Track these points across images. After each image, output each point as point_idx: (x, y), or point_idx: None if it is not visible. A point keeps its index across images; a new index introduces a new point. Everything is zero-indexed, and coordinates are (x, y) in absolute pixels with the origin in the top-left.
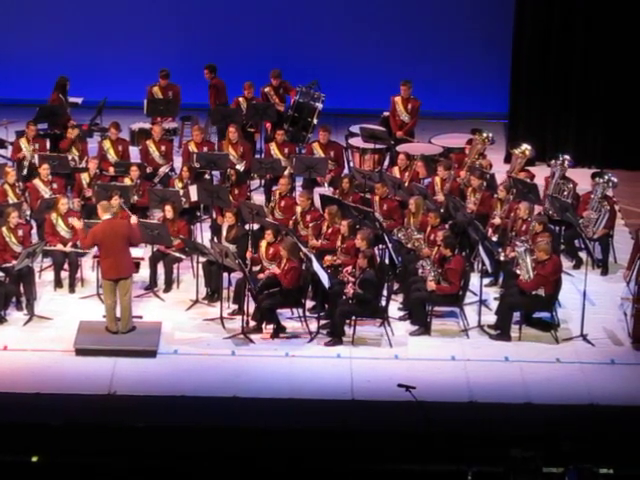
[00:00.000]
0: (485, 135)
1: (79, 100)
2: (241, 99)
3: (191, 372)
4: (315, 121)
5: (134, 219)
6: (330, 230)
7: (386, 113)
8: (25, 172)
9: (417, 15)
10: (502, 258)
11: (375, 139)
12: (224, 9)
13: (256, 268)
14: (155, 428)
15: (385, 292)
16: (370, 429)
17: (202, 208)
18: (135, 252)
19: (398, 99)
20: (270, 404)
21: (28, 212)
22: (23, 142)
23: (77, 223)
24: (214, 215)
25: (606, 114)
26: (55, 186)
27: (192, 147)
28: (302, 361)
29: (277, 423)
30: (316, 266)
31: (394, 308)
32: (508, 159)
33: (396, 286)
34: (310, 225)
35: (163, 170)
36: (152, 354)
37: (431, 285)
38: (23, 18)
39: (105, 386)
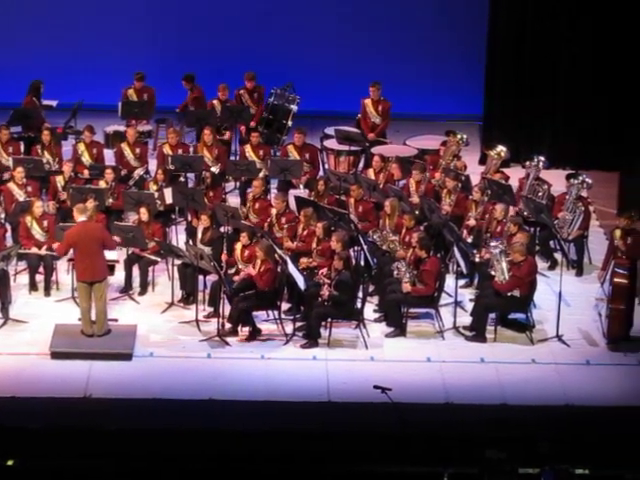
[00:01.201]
0: (460, 137)
1: (54, 103)
2: (215, 102)
3: (167, 375)
4: (290, 123)
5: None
6: (305, 232)
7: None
8: None
9: (391, 16)
10: (477, 259)
11: (350, 141)
12: (199, 11)
13: (231, 271)
14: (131, 431)
15: (360, 294)
16: (346, 431)
17: (177, 211)
18: (110, 255)
19: (368, 101)
20: (246, 406)
21: (2, 215)
22: None
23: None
24: (189, 217)
25: (580, 115)
26: (30, 189)
27: (167, 150)
28: (278, 363)
29: (253, 425)
30: (291, 268)
31: (369, 310)
32: (483, 160)
33: (371, 288)
34: (285, 227)
35: (138, 173)
36: (127, 357)
37: (406, 287)
38: None
39: (81, 389)
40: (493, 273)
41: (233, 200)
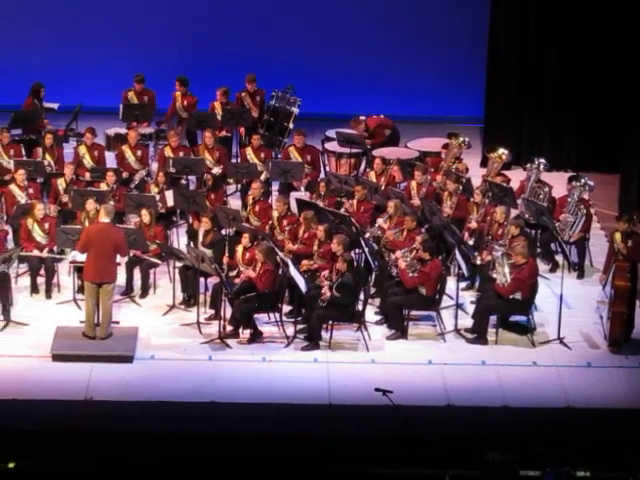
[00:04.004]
0: (461, 139)
1: (55, 106)
2: (216, 104)
3: (168, 377)
4: (291, 125)
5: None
6: (306, 235)
7: (362, 117)
8: None
9: (392, 19)
10: (478, 262)
11: (351, 143)
12: (199, 14)
13: (232, 273)
14: (132, 434)
15: (362, 296)
16: (347, 433)
17: (178, 213)
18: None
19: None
20: (247, 409)
21: (4, 217)
22: None
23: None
24: (190, 220)
25: (581, 118)
26: (31, 191)
27: (168, 152)
28: (279, 366)
29: (254, 428)
30: (293, 270)
31: (371, 312)
32: (484, 163)
33: (372, 290)
34: (286, 229)
35: (140, 175)
36: (129, 359)
37: (400, 264)
38: None
39: (82, 392)
40: (494, 276)
41: (234, 202)
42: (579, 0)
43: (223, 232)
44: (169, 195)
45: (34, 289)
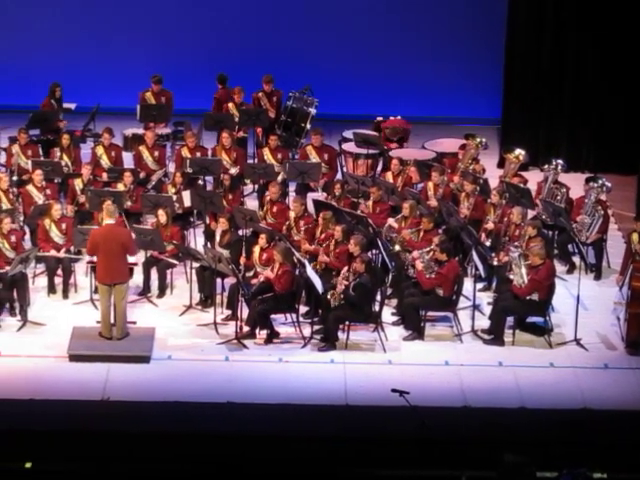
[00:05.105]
0: (478, 140)
1: (72, 106)
2: (230, 105)
3: (184, 378)
4: (308, 126)
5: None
6: (324, 235)
7: (379, 118)
8: (15, 178)
9: (409, 21)
10: (495, 263)
11: (368, 144)
12: (217, 15)
13: (249, 273)
14: (148, 434)
15: (379, 297)
16: (364, 434)
17: (195, 213)
18: (128, 258)
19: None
20: (263, 410)
21: (21, 218)
22: (15, 148)
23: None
24: (207, 220)
25: (598, 119)
26: (48, 192)
27: (185, 152)
28: (295, 366)
29: (270, 429)
30: (309, 271)
31: (387, 313)
32: (501, 164)
33: (389, 291)
34: (303, 230)
35: (157, 176)
36: (146, 360)
37: (418, 266)
38: (16, 24)
39: (99, 392)
40: (512, 277)
41: (251, 203)
42: (597, 3)
43: (240, 233)
44: (186, 195)
45: (51, 289)
